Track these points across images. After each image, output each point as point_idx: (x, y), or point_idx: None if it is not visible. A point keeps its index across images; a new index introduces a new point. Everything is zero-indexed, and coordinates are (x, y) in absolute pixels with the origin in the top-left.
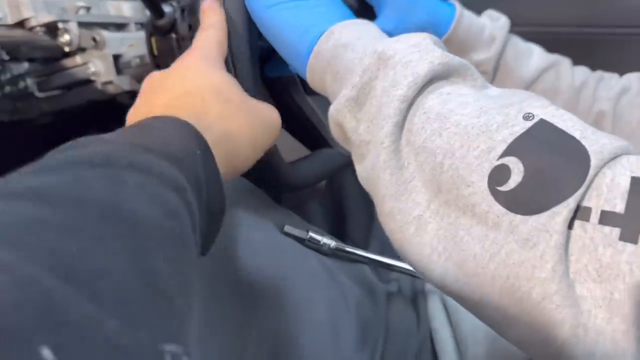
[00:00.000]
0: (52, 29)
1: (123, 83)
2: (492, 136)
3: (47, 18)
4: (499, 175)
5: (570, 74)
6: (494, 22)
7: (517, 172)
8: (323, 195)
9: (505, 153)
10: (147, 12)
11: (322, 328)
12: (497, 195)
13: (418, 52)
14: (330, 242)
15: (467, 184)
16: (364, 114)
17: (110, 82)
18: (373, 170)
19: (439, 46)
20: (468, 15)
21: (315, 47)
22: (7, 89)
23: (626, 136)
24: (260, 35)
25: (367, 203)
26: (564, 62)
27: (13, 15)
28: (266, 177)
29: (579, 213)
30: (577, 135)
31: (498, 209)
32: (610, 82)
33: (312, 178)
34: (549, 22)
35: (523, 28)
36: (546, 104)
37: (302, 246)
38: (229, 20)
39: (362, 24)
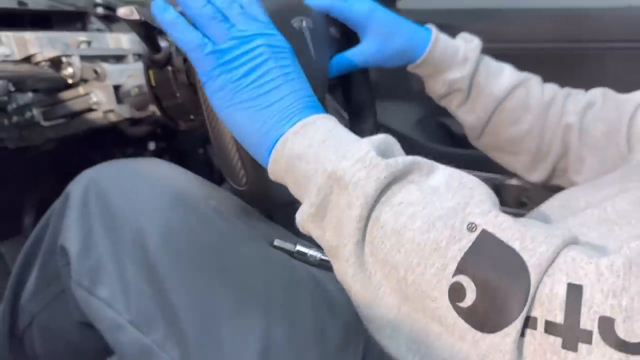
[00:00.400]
0: (56, 63)
1: (123, 111)
2: (443, 253)
3: (51, 53)
4: (455, 292)
5: (540, 90)
6: (468, 44)
7: (470, 290)
8: None
9: (458, 271)
10: (145, 45)
11: (308, 330)
12: (459, 311)
13: (364, 168)
14: (316, 254)
15: (431, 298)
16: (327, 223)
17: (111, 111)
18: (344, 281)
19: (384, 148)
20: (443, 38)
21: (272, 154)
22: (15, 118)
23: (591, 146)
24: None
25: None
26: (534, 79)
27: (20, 51)
28: (258, 196)
29: (529, 322)
30: (516, 246)
31: (462, 324)
32: (577, 97)
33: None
34: (530, 39)
35: (506, 44)
36: (486, 210)
37: (290, 258)
38: None
39: (311, 124)
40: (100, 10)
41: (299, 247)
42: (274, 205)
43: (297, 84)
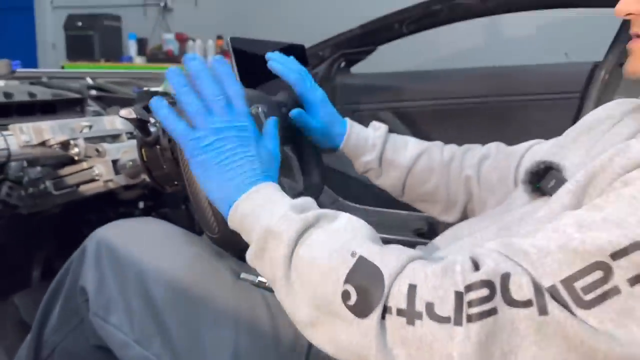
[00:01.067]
0: (65, 145)
1: (120, 180)
2: (337, 273)
3: (61, 137)
4: (345, 296)
5: (440, 153)
6: (375, 132)
7: (353, 293)
8: None
9: (345, 282)
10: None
11: (267, 337)
12: (348, 308)
13: (286, 222)
14: None
15: (331, 303)
16: (265, 261)
17: (110, 180)
18: (280, 299)
19: (301, 208)
20: (356, 130)
21: (229, 213)
22: (30, 190)
23: (489, 190)
24: None
25: None
26: (435, 145)
27: (37, 137)
28: (227, 242)
29: (386, 309)
30: (377, 262)
31: (351, 316)
32: (474, 152)
33: None
34: (466, 95)
35: (445, 101)
36: (363, 242)
37: (253, 286)
38: None
39: (257, 192)
40: (93, 92)
41: (260, 278)
42: (240, 250)
43: (256, 163)
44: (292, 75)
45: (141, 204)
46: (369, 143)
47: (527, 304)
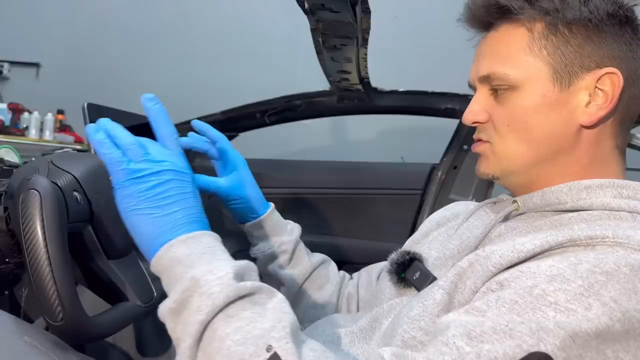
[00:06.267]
0: None
1: None
2: None
3: None
4: None
5: (335, 266)
6: (294, 224)
7: None
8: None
9: None
10: None
11: None
12: None
13: (220, 285)
14: None
15: None
16: (180, 319)
17: None
18: None
19: (242, 272)
20: (277, 214)
21: (158, 252)
22: None
23: (364, 301)
24: None
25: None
26: (332, 262)
27: None
28: (74, 329)
29: None
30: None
31: None
32: (351, 276)
33: (112, 328)
34: (321, 185)
35: (302, 190)
36: (283, 336)
37: None
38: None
39: (197, 237)
40: None
41: None
42: (89, 338)
43: (192, 202)
44: (215, 136)
45: None
46: (287, 226)
47: None
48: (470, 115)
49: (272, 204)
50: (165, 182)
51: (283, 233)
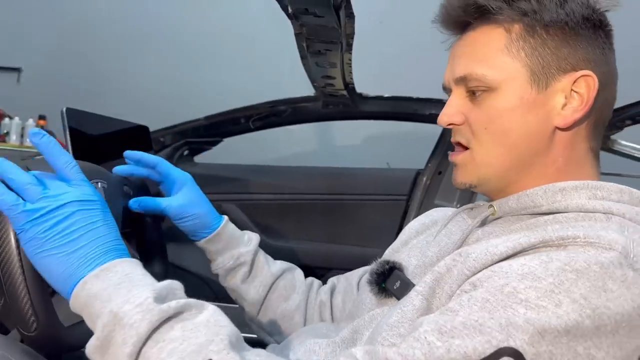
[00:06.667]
0: None
1: None
2: None
3: None
4: None
5: (301, 274)
6: (250, 233)
7: None
8: None
9: None
10: None
11: None
12: None
13: (141, 312)
14: None
15: None
16: (108, 356)
17: None
18: None
19: (165, 293)
20: (232, 224)
21: (73, 293)
22: None
23: (340, 310)
24: None
25: None
26: (297, 268)
27: None
28: (48, 340)
29: None
30: None
31: None
32: (326, 282)
33: (89, 338)
34: (306, 191)
35: (287, 195)
36: (222, 348)
37: None
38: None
39: (111, 268)
40: None
41: None
42: (64, 349)
43: (103, 231)
44: (152, 161)
45: None
46: (244, 237)
47: None
48: (446, 117)
49: (225, 217)
50: (68, 217)
51: (240, 244)
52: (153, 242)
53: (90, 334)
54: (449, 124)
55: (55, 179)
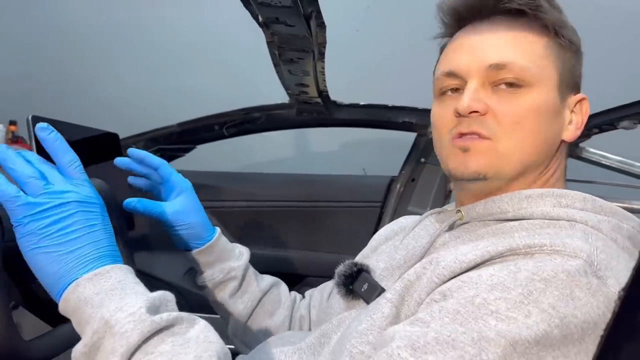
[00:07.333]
0: None
1: None
2: None
3: None
4: None
5: (286, 289)
6: (242, 247)
7: None
8: None
9: None
10: None
11: None
12: None
13: (133, 322)
14: None
15: None
16: None
17: None
18: None
19: (158, 304)
20: (224, 238)
21: (64, 295)
22: None
23: (315, 323)
24: None
25: None
26: (283, 283)
27: None
28: (8, 353)
29: None
30: None
31: None
32: (305, 297)
33: (51, 352)
34: (280, 198)
35: (261, 202)
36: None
37: None
38: None
39: (105, 274)
40: None
41: None
42: None
43: (100, 235)
44: (155, 163)
45: None
46: (235, 251)
47: None
48: (473, 102)
49: (218, 229)
50: (68, 216)
51: (231, 258)
52: (121, 252)
53: (53, 348)
54: (472, 112)
55: (57, 174)
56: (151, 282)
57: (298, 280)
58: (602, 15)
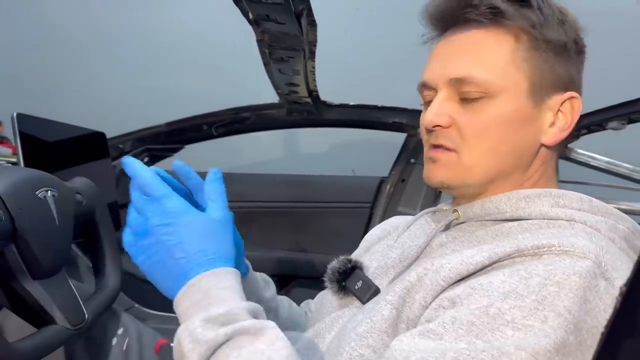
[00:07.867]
0: None
1: None
2: None
3: None
4: None
5: (298, 308)
6: (265, 276)
7: None
8: None
9: None
10: None
11: None
12: None
13: (192, 342)
14: None
15: None
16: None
17: None
18: None
19: (226, 316)
20: (254, 274)
21: (175, 300)
22: None
23: (311, 323)
24: None
25: None
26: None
27: None
28: None
29: None
30: None
31: None
32: (302, 305)
33: (35, 354)
34: (270, 199)
35: (251, 203)
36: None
37: None
38: None
39: (195, 284)
40: None
41: None
42: None
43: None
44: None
45: None
46: (260, 281)
47: None
48: (436, 117)
49: (249, 263)
50: (159, 243)
51: (259, 288)
52: (107, 253)
53: (36, 350)
54: (435, 126)
55: (156, 210)
56: (135, 282)
57: (288, 281)
58: (588, 19)
